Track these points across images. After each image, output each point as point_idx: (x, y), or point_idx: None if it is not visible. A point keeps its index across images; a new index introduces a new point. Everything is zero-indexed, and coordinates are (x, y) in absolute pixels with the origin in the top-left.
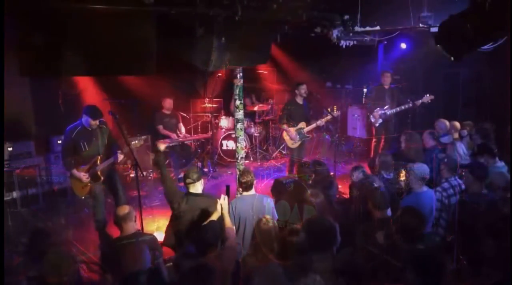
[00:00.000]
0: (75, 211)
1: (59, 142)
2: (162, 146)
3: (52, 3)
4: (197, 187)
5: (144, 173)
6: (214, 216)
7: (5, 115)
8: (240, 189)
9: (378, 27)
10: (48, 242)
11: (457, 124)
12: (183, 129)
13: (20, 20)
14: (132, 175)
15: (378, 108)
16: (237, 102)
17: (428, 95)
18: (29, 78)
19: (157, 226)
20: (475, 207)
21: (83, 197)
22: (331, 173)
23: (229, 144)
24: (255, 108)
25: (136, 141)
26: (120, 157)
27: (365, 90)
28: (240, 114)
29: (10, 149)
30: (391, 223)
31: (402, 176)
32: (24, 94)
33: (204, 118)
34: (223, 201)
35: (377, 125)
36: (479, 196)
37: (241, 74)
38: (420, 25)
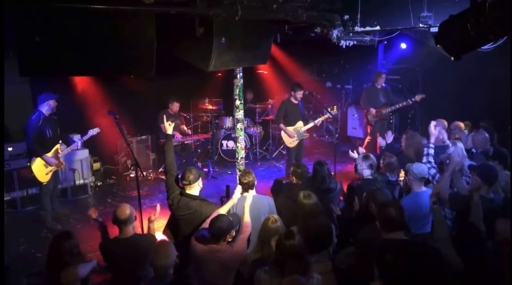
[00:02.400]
0: (76, 211)
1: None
2: (170, 129)
3: (52, 3)
4: (194, 189)
5: (144, 173)
6: (246, 212)
7: (5, 115)
8: (241, 190)
9: (378, 27)
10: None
11: (461, 124)
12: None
13: (20, 20)
14: (132, 175)
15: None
16: (237, 102)
17: (419, 94)
18: (29, 78)
19: (156, 226)
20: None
21: (45, 183)
22: (332, 173)
23: (229, 144)
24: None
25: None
26: (79, 144)
27: None
28: (240, 114)
29: (10, 149)
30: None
31: (401, 176)
32: (24, 94)
33: (204, 118)
34: (250, 197)
35: (373, 123)
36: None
37: (241, 74)
38: (420, 25)
